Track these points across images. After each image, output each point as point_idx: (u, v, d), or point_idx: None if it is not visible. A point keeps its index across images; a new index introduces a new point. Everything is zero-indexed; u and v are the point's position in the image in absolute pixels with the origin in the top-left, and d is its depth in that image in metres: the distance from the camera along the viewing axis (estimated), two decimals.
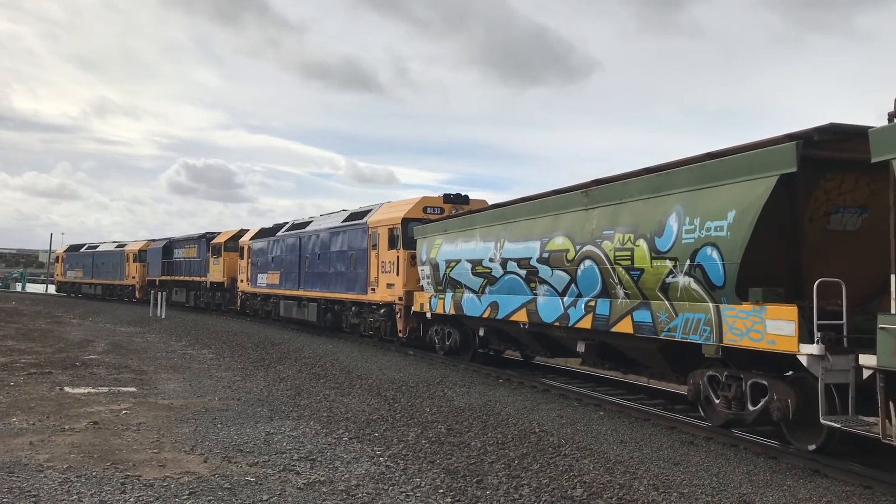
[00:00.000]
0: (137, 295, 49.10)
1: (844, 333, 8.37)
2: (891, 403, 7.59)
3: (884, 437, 7.63)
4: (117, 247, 54.28)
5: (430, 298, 18.25)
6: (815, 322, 8.35)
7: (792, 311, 8.60)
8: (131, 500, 7.17)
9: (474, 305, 16.13)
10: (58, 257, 67.55)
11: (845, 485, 7.99)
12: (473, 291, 16.19)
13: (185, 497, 7.29)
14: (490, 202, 18.65)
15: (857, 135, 8.18)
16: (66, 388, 13.80)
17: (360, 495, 7.52)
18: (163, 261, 44.98)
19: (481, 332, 16.72)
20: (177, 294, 42.39)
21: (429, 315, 18.51)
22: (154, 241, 49.07)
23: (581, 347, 13.07)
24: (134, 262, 49.97)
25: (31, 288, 75.97)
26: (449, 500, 7.50)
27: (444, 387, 14.38)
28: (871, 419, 7.88)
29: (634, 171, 11.70)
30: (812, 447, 8.88)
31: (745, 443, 9.60)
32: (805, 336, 8.42)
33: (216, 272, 37.38)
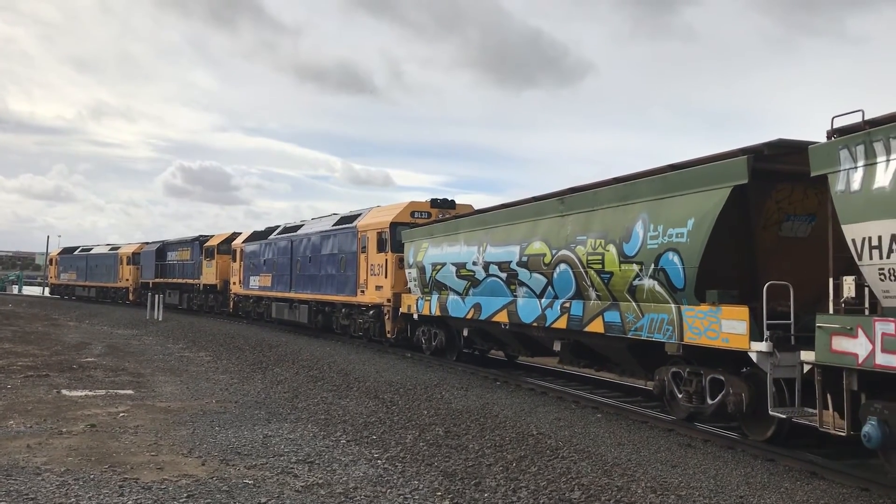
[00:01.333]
0: (131, 297, 49.46)
1: (792, 332, 9.08)
2: (828, 395, 8.26)
3: (821, 425, 8.35)
4: (111, 249, 54.65)
5: (417, 300, 18.89)
6: (765, 322, 9.07)
7: (743, 311, 9.32)
8: (129, 502, 7.20)
9: (459, 307, 16.80)
10: (51, 260, 67.74)
11: (842, 487, 8.04)
12: (458, 293, 16.85)
13: (183, 500, 7.31)
14: (486, 204, 19.16)
15: (803, 149, 8.86)
16: (64, 391, 13.81)
17: (359, 498, 7.55)
18: (156, 263, 45.32)
19: (465, 333, 17.42)
20: (170, 296, 42.85)
21: (416, 316, 19.16)
22: (147, 243, 49.48)
23: (557, 346, 13.79)
24: (127, 264, 50.30)
25: (28, 290, 75.97)
26: (447, 502, 7.53)
27: (442, 389, 14.42)
28: (813, 410, 8.54)
29: (605, 180, 12.43)
30: (764, 438, 9.58)
31: (743, 445, 9.68)
32: (756, 335, 9.14)
33: (209, 275, 37.88)
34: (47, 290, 69.46)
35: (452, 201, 21.59)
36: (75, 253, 61.16)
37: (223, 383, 15.30)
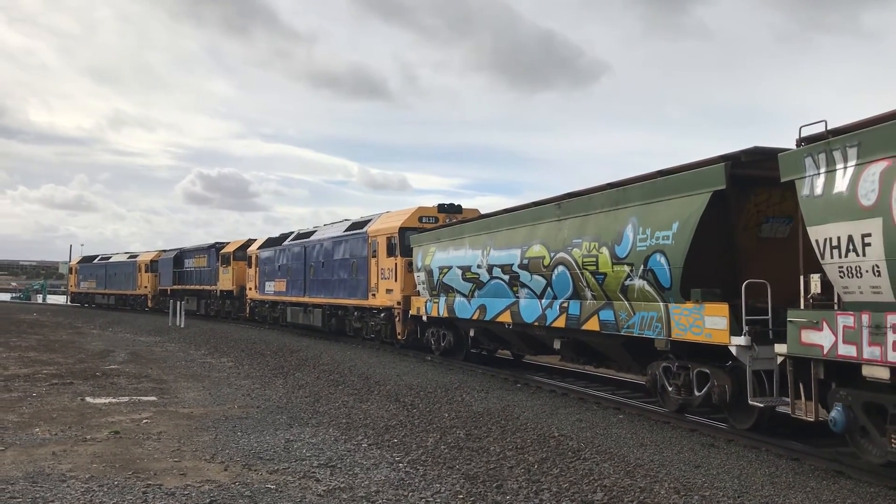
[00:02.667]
0: (150, 304, 50.36)
1: (770, 327, 9.68)
2: (800, 385, 8.88)
3: (793, 412, 8.98)
4: (129, 257, 55.57)
5: (426, 303, 19.59)
6: (744, 317, 9.70)
7: (724, 308, 9.97)
8: None
9: (465, 308, 17.47)
10: (71, 269, 68.77)
11: (870, 486, 7.92)
12: (464, 295, 17.51)
13: None
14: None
15: (776, 156, 9.46)
16: (88, 399, 13.99)
17: (381, 501, 7.56)
18: (174, 270, 46.20)
19: (472, 333, 18.10)
20: (188, 303, 43.70)
21: (425, 318, 19.87)
22: (165, 251, 50.33)
23: (557, 344, 14.45)
24: (146, 272, 51.24)
25: (52, 299, 76.66)
26: None
27: (462, 392, 14.44)
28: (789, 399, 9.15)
29: (598, 186, 13.08)
30: (747, 426, 10.20)
31: (767, 445, 9.62)
32: (736, 330, 9.78)
33: (226, 281, 38.73)
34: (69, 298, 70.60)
35: (459, 206, 22.24)
36: (94, 262, 62.17)
37: (245, 389, 15.53)
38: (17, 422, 11.55)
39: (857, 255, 7.78)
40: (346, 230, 25.49)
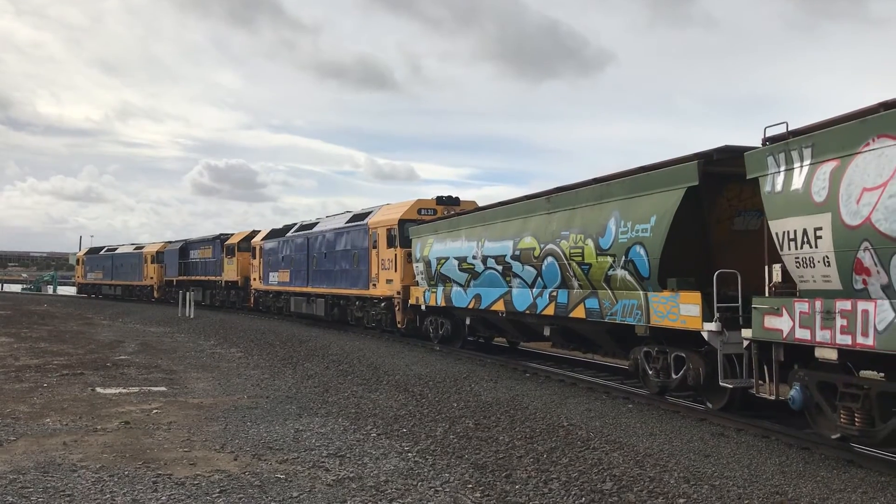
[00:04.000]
0: (156, 295, 51.10)
1: (739, 314, 10.38)
2: (765, 367, 9.59)
3: (757, 392, 9.73)
4: (135, 249, 56.23)
5: (424, 292, 20.32)
6: (715, 305, 10.40)
7: (696, 296, 10.70)
8: (163, 498, 7.25)
9: (461, 297, 18.21)
10: (78, 260, 69.34)
11: (881, 475, 7.94)
12: (460, 285, 18.24)
13: (216, 495, 7.36)
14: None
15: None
16: (98, 389, 14.00)
17: (390, 491, 7.56)
18: (179, 261, 46.85)
19: (468, 322, 18.85)
20: (194, 293, 44.53)
21: (423, 307, 20.61)
22: (171, 242, 51.03)
23: (547, 331, 15.20)
24: (152, 263, 51.87)
25: (62, 290, 76.72)
26: (478, 494, 7.56)
27: (471, 382, 14.47)
28: (761, 381, 9.83)
29: (585, 181, 13.80)
30: (720, 406, 10.93)
31: (777, 434, 9.71)
32: (708, 316, 10.49)
33: (230, 271, 39.42)
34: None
35: (457, 198, 22.93)
36: (101, 253, 62.86)
37: (254, 379, 15.58)
38: (29, 412, 11.62)
39: (811, 247, 8.48)
40: (347, 222, 26.17)
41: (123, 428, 10.52)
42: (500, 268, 16.24)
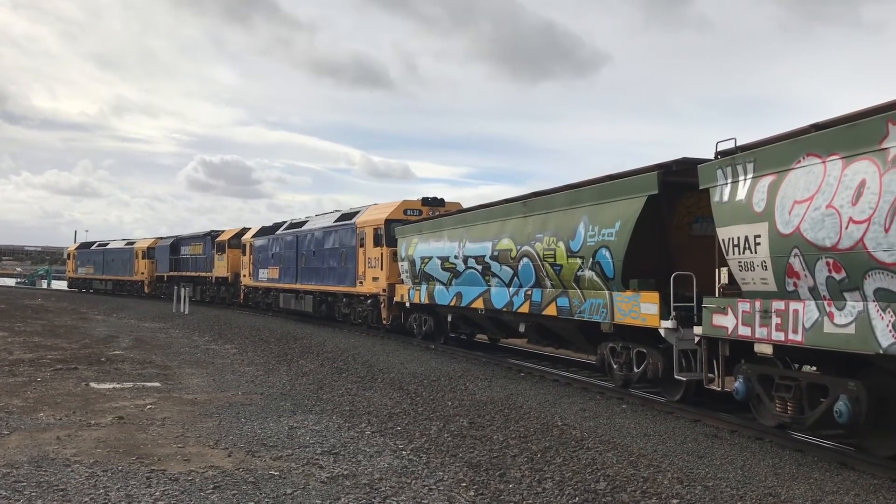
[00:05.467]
0: (146, 290, 51.79)
1: (694, 313, 11.24)
2: (714, 361, 10.49)
3: (706, 383, 10.65)
4: (126, 244, 56.71)
5: (409, 290, 21.19)
6: (672, 304, 11.28)
7: (654, 296, 11.58)
8: (157, 493, 7.22)
9: (444, 295, 19.07)
10: (69, 254, 69.61)
11: (873, 478, 7.99)
12: (443, 284, 19.10)
13: (210, 491, 7.32)
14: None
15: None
16: (92, 384, 13.94)
17: (384, 489, 7.55)
18: (170, 257, 47.52)
19: (450, 318, 19.73)
20: (184, 289, 45.15)
21: (408, 304, 21.47)
22: (162, 238, 51.61)
23: (522, 328, 16.12)
24: (143, 258, 52.50)
25: (56, 285, 76.17)
26: (472, 493, 7.55)
27: (466, 380, 14.52)
28: (710, 375, 10.72)
29: (558, 187, 14.75)
30: (677, 398, 11.82)
31: (770, 436, 9.75)
32: (665, 315, 11.36)
33: (221, 268, 40.11)
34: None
35: (442, 199, 23.75)
36: (92, 248, 63.28)
37: (249, 375, 15.56)
38: (22, 406, 11.58)
39: (751, 252, 9.37)
40: (335, 221, 26.94)
41: (117, 423, 10.51)
42: (479, 267, 17.10)
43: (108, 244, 60.96)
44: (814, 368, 9.51)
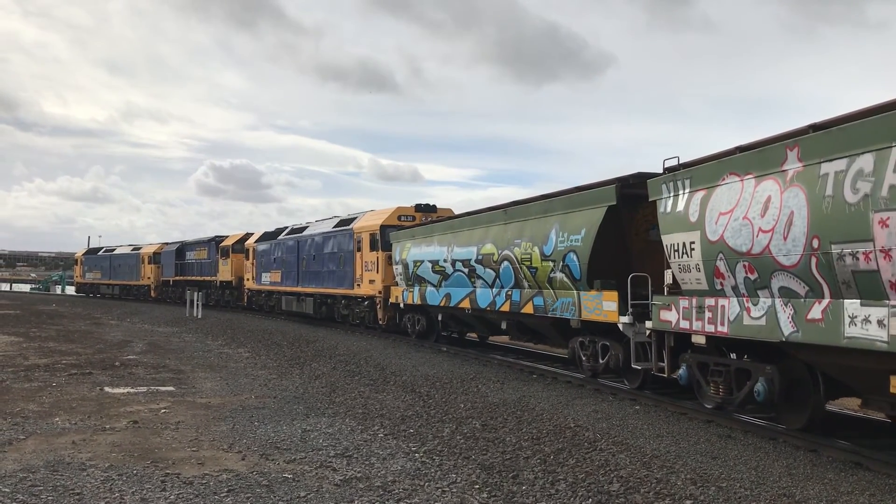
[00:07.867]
0: (152, 294, 53.26)
1: (649, 309, 12.65)
2: (663, 351, 11.95)
3: (656, 371, 12.13)
4: (133, 249, 58.22)
5: (403, 292, 22.67)
6: (629, 302, 12.76)
7: (614, 294, 13.04)
8: (171, 497, 7.23)
9: (434, 296, 20.55)
10: (77, 260, 71.13)
11: (889, 478, 7.97)
12: (433, 285, 20.59)
13: (224, 494, 7.33)
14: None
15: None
16: (107, 388, 14.05)
17: (397, 491, 7.54)
18: (176, 262, 48.94)
19: (441, 318, 21.21)
20: (190, 292, 46.18)
21: (402, 305, 22.93)
22: (168, 244, 53.10)
23: (504, 325, 17.66)
24: (149, 263, 54.00)
25: (70, 290, 76.70)
26: (485, 495, 7.54)
27: (478, 382, 14.68)
28: (660, 364, 12.16)
29: (534, 196, 16.34)
30: (635, 386, 13.28)
31: (785, 436, 9.80)
32: (623, 311, 12.82)
33: (225, 272, 41.48)
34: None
35: (434, 206, 25.20)
36: (99, 253, 64.79)
37: (262, 379, 15.62)
38: (38, 411, 11.68)
39: (688, 256, 10.85)
40: (334, 226, 28.38)
41: (132, 427, 10.58)
42: (466, 270, 18.57)
43: (114, 249, 62.40)
44: (745, 357, 10.96)
